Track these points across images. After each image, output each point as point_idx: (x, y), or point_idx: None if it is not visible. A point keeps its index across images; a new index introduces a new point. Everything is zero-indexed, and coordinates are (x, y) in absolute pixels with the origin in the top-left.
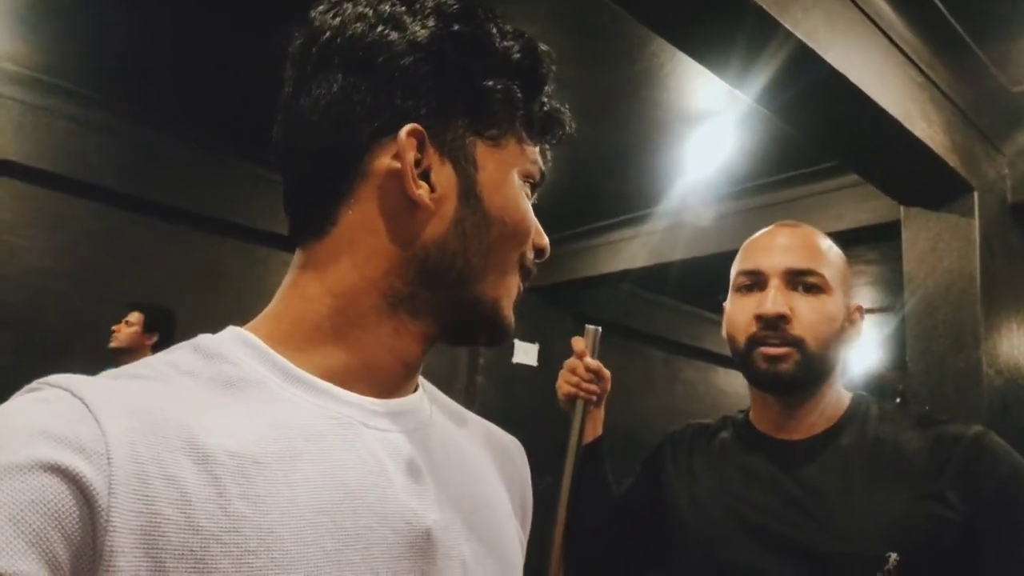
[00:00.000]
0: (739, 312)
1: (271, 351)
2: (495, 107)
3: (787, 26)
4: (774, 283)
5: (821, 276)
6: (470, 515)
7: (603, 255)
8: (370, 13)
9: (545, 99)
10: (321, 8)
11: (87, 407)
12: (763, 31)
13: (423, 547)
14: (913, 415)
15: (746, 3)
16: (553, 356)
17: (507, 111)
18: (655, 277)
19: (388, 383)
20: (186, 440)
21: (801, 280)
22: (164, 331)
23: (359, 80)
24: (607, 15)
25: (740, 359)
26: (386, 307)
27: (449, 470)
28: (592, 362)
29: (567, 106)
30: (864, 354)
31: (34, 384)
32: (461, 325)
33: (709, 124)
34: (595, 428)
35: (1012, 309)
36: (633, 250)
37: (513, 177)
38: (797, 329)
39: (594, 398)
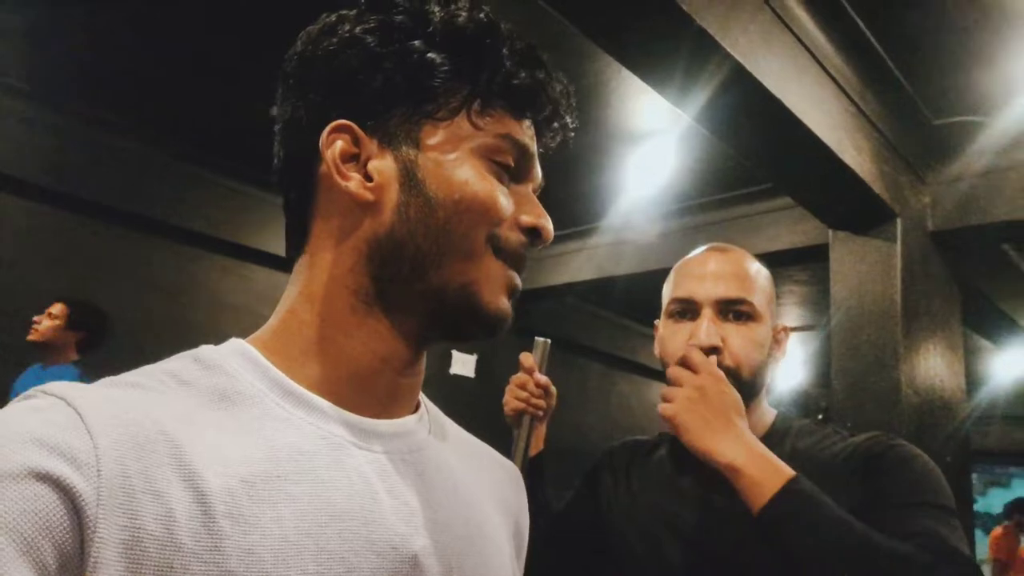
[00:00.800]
0: (672, 340)
1: (268, 364)
2: (437, 86)
3: (726, 47)
4: (706, 313)
5: (751, 304)
6: (461, 542)
7: (546, 268)
8: (314, 30)
9: (503, 67)
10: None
11: (80, 417)
12: (703, 51)
13: (408, 573)
14: (830, 429)
15: (687, 23)
16: (492, 367)
17: (452, 88)
18: (598, 291)
19: (382, 394)
20: (175, 456)
21: (732, 309)
22: (93, 329)
23: (303, 94)
24: (556, 27)
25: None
26: (361, 307)
27: (441, 495)
28: (541, 378)
29: (550, 73)
30: (790, 371)
31: (30, 392)
32: (438, 317)
33: (653, 142)
34: (537, 443)
35: (930, 332)
36: (578, 263)
37: (466, 156)
38: (728, 360)
39: (540, 414)
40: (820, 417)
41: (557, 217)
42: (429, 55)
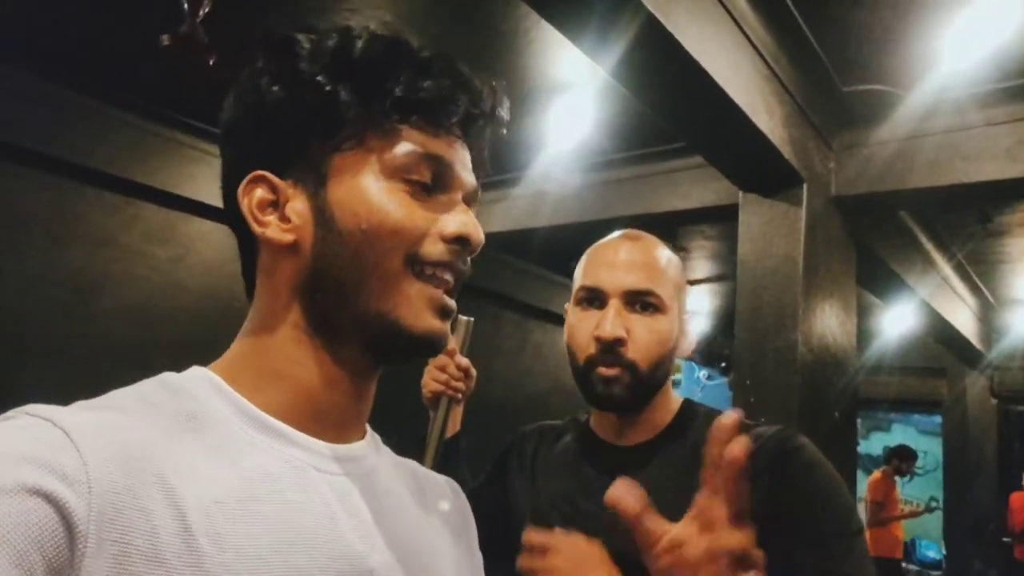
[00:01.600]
0: (579, 329)
1: (230, 389)
2: (340, 115)
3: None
4: (613, 304)
5: (658, 296)
6: (412, 558)
7: None
8: (235, 90)
9: (400, 82)
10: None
11: (68, 437)
12: (617, 1)
13: None
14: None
15: None
16: None
17: (355, 114)
18: (509, 241)
19: (335, 419)
20: (157, 474)
21: (639, 299)
22: None
23: (228, 150)
24: None
25: (578, 377)
26: (304, 337)
27: (392, 515)
28: (463, 360)
29: (459, 76)
30: (697, 321)
31: (11, 413)
32: (370, 343)
33: (571, 95)
34: (454, 424)
35: (827, 293)
36: (498, 214)
37: (371, 179)
38: (631, 352)
39: (459, 396)
40: (723, 365)
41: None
42: (327, 88)
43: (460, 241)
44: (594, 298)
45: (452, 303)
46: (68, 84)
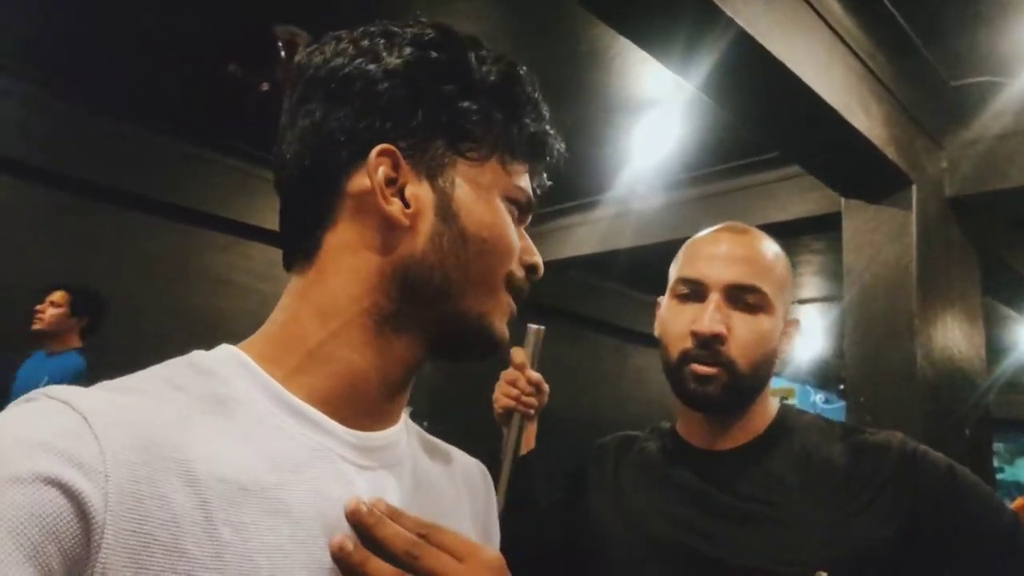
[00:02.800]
0: (674, 322)
1: (262, 372)
2: (473, 129)
3: (728, 13)
4: (713, 298)
5: (763, 294)
6: None
7: (550, 241)
8: (350, 48)
9: (528, 121)
10: (309, 49)
11: (87, 422)
12: (704, 18)
13: None
14: (838, 426)
15: None
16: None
17: (486, 133)
18: (603, 264)
19: (374, 407)
20: (179, 462)
21: (742, 297)
22: (93, 314)
23: (337, 107)
24: None
25: (670, 372)
26: (372, 326)
27: (421, 504)
28: (533, 375)
29: (555, 130)
30: (809, 342)
31: (32, 394)
32: (450, 340)
33: (656, 111)
34: (528, 441)
35: (947, 302)
36: (581, 236)
37: (494, 197)
38: (731, 350)
39: (532, 412)
40: (841, 387)
41: (558, 189)
42: (465, 103)
43: (533, 269)
44: (693, 291)
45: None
46: (179, 135)
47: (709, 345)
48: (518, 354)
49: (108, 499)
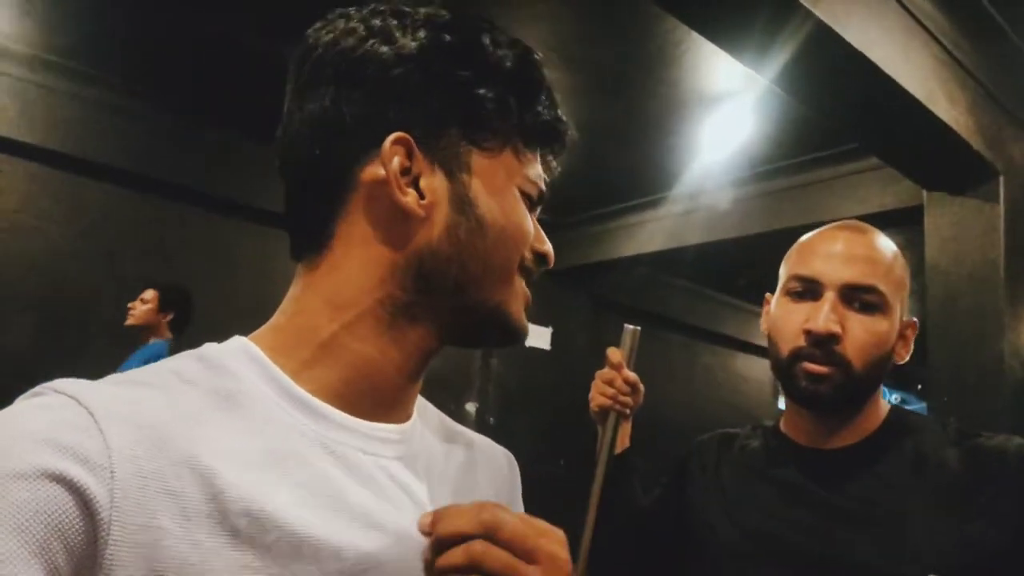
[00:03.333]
0: (787, 320)
1: (273, 365)
2: (488, 116)
3: (806, 5)
4: (829, 297)
5: (880, 295)
6: None
7: (618, 238)
8: (361, 28)
9: (541, 108)
10: (316, 26)
11: (93, 417)
12: (781, 11)
13: (419, 570)
14: (952, 428)
15: None
16: (567, 340)
17: (501, 120)
18: (671, 260)
19: (388, 399)
20: (189, 454)
21: (858, 297)
22: (180, 309)
23: (349, 92)
24: None
25: (780, 370)
26: (386, 317)
27: (442, 494)
28: (630, 375)
29: (565, 116)
30: None
31: (38, 388)
32: (465, 328)
33: (727, 105)
34: (623, 440)
35: None
36: (649, 233)
37: (509, 185)
38: (846, 350)
39: (627, 411)
40: (920, 387)
41: (626, 186)
42: (480, 89)
43: (547, 259)
44: (808, 289)
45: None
46: (261, 140)
47: (823, 344)
48: (615, 354)
49: (114, 495)
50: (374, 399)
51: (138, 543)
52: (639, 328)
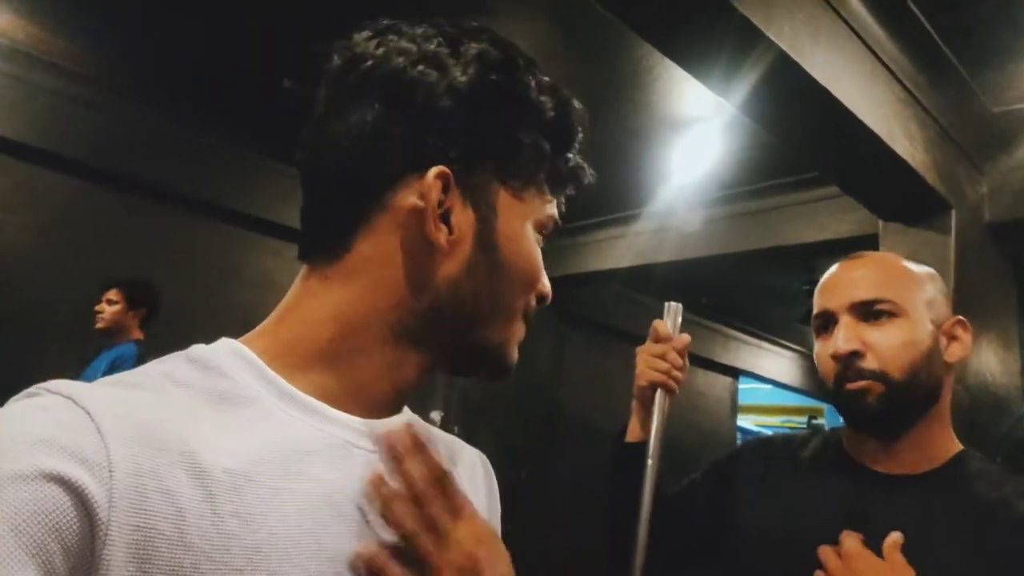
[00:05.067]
0: (822, 356)
1: (266, 367)
2: (522, 159)
3: (770, 36)
4: (843, 320)
5: (890, 302)
6: None
7: (589, 253)
8: (414, 49)
9: (572, 155)
10: (365, 35)
11: (90, 417)
12: (747, 40)
13: None
14: (1017, 479)
15: (731, 11)
16: (531, 351)
17: (533, 164)
18: (640, 278)
19: (378, 404)
20: (184, 454)
21: (870, 310)
22: (150, 306)
23: (395, 114)
24: (595, 15)
25: (835, 403)
26: (391, 338)
27: None
28: (684, 338)
29: (588, 162)
30: None
31: (33, 389)
32: (464, 362)
33: (696, 129)
34: (635, 430)
35: (983, 328)
36: (619, 250)
37: (528, 227)
38: (874, 362)
39: (676, 387)
40: None
41: (598, 203)
42: (520, 133)
43: (546, 299)
44: (826, 323)
45: None
46: (237, 141)
47: (850, 364)
48: (662, 325)
49: (112, 495)
50: (367, 406)
51: (133, 543)
52: (680, 305)
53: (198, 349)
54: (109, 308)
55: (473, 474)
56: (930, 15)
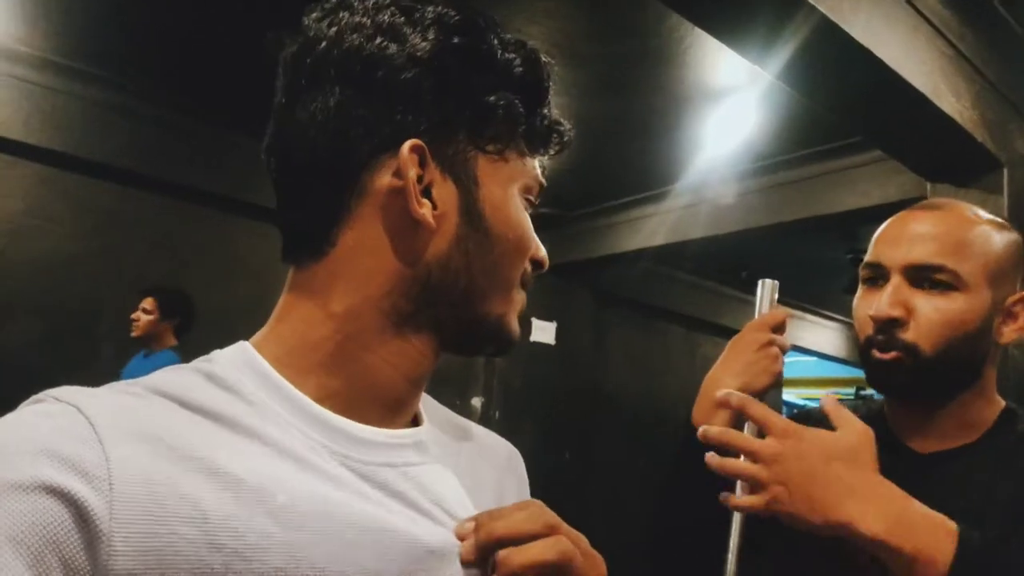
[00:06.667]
0: (859, 309)
1: (274, 373)
2: (496, 121)
3: (811, 1)
4: (894, 281)
5: (952, 272)
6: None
7: (622, 233)
8: (368, 23)
9: (547, 111)
10: (315, 15)
11: (93, 427)
12: (785, 7)
13: (433, 566)
14: None
15: None
16: (570, 334)
17: (508, 125)
18: (674, 254)
19: (392, 403)
20: (199, 458)
21: (927, 276)
22: (183, 313)
23: (357, 94)
24: None
25: (860, 359)
26: (390, 326)
27: (450, 497)
28: (782, 311)
29: (566, 118)
30: None
31: (40, 396)
32: (467, 339)
33: (730, 100)
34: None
35: None
36: (652, 227)
37: (514, 192)
38: (911, 334)
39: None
40: None
41: (629, 181)
42: (491, 95)
43: (542, 265)
44: (876, 276)
45: None
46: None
47: (886, 330)
48: (781, 312)
49: (113, 506)
50: (380, 405)
51: (150, 551)
52: (777, 282)
53: (212, 357)
54: (144, 317)
55: (497, 465)
56: None
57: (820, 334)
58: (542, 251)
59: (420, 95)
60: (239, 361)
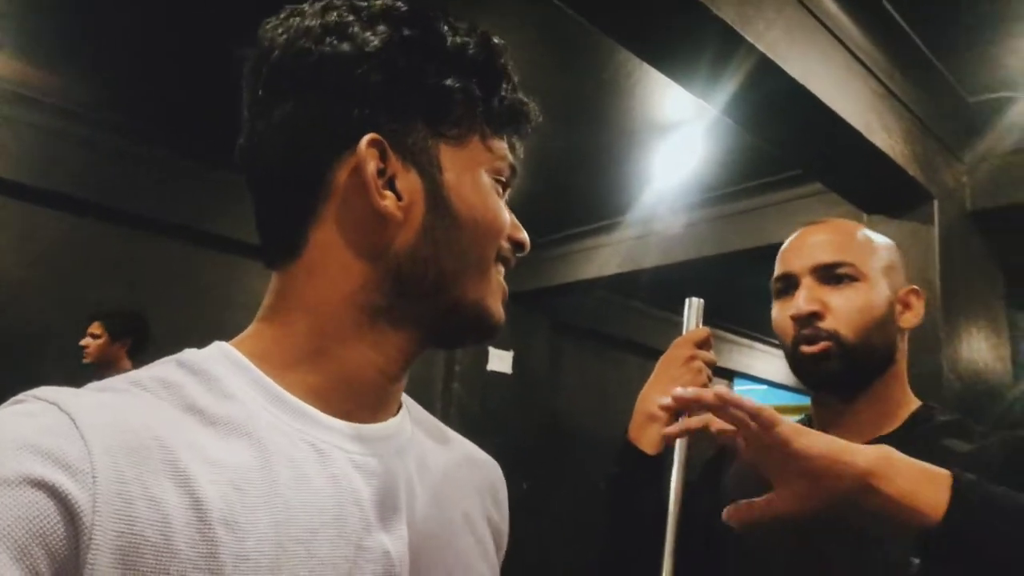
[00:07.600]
0: (779, 318)
1: (254, 368)
2: (453, 107)
3: (750, 39)
4: (805, 282)
5: (852, 266)
6: (445, 541)
7: (577, 262)
8: (316, 25)
9: (506, 92)
10: (269, 24)
11: (74, 423)
12: (727, 45)
13: (395, 573)
14: (977, 425)
15: (710, 18)
16: (527, 363)
17: (466, 109)
18: (627, 283)
19: (371, 399)
20: (169, 462)
21: (831, 273)
22: (135, 335)
23: (312, 97)
24: (574, 25)
25: (790, 363)
26: (366, 321)
27: (426, 496)
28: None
29: (530, 97)
30: None
31: (20, 396)
32: (447, 329)
33: (678, 133)
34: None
35: (972, 314)
36: (606, 257)
37: (480, 175)
38: (831, 324)
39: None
40: None
41: (582, 211)
42: (445, 81)
43: (523, 247)
44: (788, 286)
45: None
46: (226, 166)
47: (809, 324)
48: (704, 330)
49: (96, 500)
50: (357, 401)
51: (118, 549)
52: (703, 300)
53: (189, 353)
54: (93, 342)
55: (481, 477)
56: (902, 9)
57: (769, 362)
58: (521, 232)
59: (373, 89)
60: (214, 353)
